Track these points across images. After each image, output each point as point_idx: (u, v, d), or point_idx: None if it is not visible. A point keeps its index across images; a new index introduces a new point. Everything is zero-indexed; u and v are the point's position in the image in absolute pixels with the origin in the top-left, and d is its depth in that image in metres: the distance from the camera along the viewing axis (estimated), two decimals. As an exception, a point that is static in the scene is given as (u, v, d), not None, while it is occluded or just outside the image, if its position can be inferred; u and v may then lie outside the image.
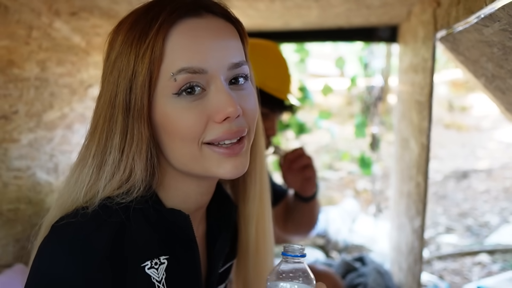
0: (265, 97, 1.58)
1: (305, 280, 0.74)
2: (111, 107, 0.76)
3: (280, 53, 1.70)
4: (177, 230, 0.81)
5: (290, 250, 0.75)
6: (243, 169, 0.79)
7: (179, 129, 0.74)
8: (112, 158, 0.76)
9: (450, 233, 3.29)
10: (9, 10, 1.46)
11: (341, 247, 2.87)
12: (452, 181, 4.30)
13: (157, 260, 0.78)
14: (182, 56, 0.73)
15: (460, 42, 1.22)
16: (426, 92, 1.56)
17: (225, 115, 0.73)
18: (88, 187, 0.77)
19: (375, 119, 3.14)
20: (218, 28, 0.78)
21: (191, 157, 0.76)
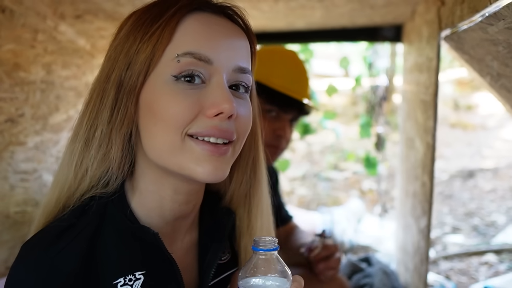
0: (270, 94, 1.59)
1: (280, 274, 0.70)
2: (106, 82, 0.74)
3: (296, 57, 1.72)
4: (150, 246, 0.76)
5: (261, 243, 0.70)
6: (223, 175, 0.74)
7: (166, 114, 0.70)
8: (99, 132, 0.74)
9: (456, 233, 3.27)
10: (15, 14, 1.47)
11: (347, 248, 2.86)
12: (458, 180, 4.28)
13: (132, 277, 0.73)
14: (192, 40, 0.71)
15: (465, 41, 1.21)
16: (431, 92, 1.56)
17: (219, 110, 0.70)
18: (79, 165, 0.76)
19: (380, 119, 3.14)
20: (235, 32, 0.77)
21: (170, 147, 0.71)
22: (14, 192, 1.45)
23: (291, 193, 4.16)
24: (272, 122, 1.62)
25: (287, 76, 1.63)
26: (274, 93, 1.58)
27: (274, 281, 0.69)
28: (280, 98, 1.59)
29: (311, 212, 3.09)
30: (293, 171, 4.54)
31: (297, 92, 1.61)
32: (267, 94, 1.59)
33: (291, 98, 1.60)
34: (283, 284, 0.70)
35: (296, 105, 1.63)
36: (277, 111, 1.61)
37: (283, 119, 1.63)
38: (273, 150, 1.65)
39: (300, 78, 1.67)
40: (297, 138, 5.01)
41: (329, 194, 4.05)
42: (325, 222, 2.84)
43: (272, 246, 0.70)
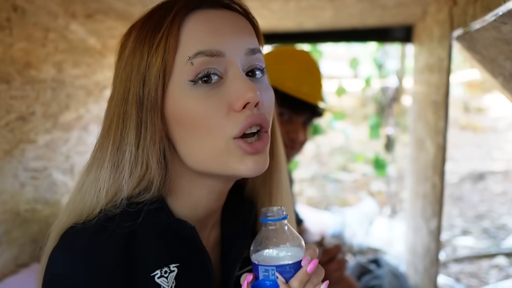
0: (282, 97, 1.59)
1: (292, 242, 0.69)
2: (124, 103, 0.74)
3: (309, 58, 1.70)
4: (186, 239, 0.78)
5: (269, 214, 0.70)
6: (264, 167, 0.75)
7: (198, 120, 0.71)
8: (128, 155, 0.73)
9: (466, 236, 3.25)
10: (26, 12, 1.47)
11: (356, 250, 2.85)
12: (468, 182, 4.25)
13: (167, 269, 0.75)
14: (199, 39, 0.71)
15: (477, 40, 1.20)
16: (442, 92, 1.55)
17: (245, 100, 0.70)
18: (109, 187, 0.74)
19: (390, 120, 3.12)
20: (234, 18, 0.77)
21: (212, 153, 0.72)
22: (24, 190, 1.46)
23: (299, 194, 4.15)
24: (285, 125, 1.60)
25: (301, 78, 1.61)
26: (287, 97, 1.57)
27: (287, 251, 0.69)
28: (293, 102, 1.58)
29: (322, 212, 3.08)
30: (302, 172, 4.53)
31: (310, 95, 1.60)
32: (280, 97, 1.59)
33: (304, 102, 1.59)
34: (297, 253, 0.69)
35: (309, 108, 1.62)
36: (290, 114, 1.60)
37: (296, 122, 1.62)
38: (286, 151, 1.64)
39: (313, 80, 1.66)
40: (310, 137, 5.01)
41: (337, 196, 4.03)
42: (336, 223, 2.83)
43: (281, 215, 0.70)
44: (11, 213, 1.41)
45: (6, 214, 1.38)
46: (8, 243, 1.40)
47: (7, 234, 1.39)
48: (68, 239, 0.72)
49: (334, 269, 1.49)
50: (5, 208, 1.38)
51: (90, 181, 0.76)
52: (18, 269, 1.42)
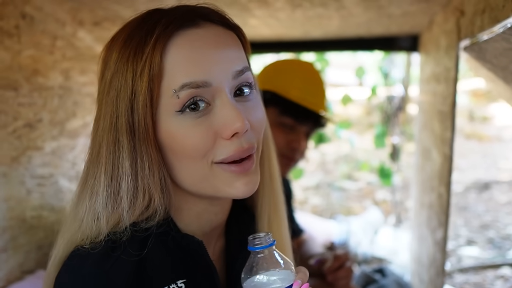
0: (287, 105, 1.59)
1: (282, 267, 0.70)
2: (114, 130, 0.71)
3: (313, 69, 1.72)
4: (193, 254, 0.78)
5: (256, 242, 0.70)
6: (254, 187, 0.75)
7: (187, 148, 0.70)
8: (125, 185, 0.71)
9: (471, 246, 3.23)
10: (35, 20, 1.48)
11: (360, 259, 2.83)
12: (473, 192, 4.23)
13: (174, 285, 0.74)
14: (183, 71, 0.69)
15: (487, 50, 1.20)
16: (449, 102, 1.54)
17: (233, 131, 0.69)
18: (108, 216, 0.72)
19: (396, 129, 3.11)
20: (218, 37, 0.74)
21: (200, 177, 0.73)
22: (30, 197, 1.46)
23: (304, 202, 4.14)
24: (287, 134, 1.61)
25: (305, 88, 1.62)
26: (291, 105, 1.58)
27: (278, 275, 0.69)
28: (297, 110, 1.58)
29: (327, 221, 3.07)
30: (307, 180, 4.52)
31: (314, 104, 1.60)
32: (284, 106, 1.59)
33: (308, 110, 1.59)
34: (288, 276, 0.69)
35: (313, 117, 1.62)
36: (293, 123, 1.60)
37: (298, 131, 1.62)
38: (286, 161, 1.64)
39: (317, 90, 1.67)
40: (311, 147, 5.00)
41: (342, 204, 4.02)
42: (341, 232, 2.82)
43: (268, 242, 0.70)
44: (17, 220, 1.41)
45: (12, 221, 1.38)
46: (14, 250, 1.40)
47: (13, 241, 1.39)
48: (77, 261, 0.71)
49: (342, 276, 1.49)
50: (11, 214, 1.38)
51: (84, 209, 0.74)
52: (24, 276, 1.42)
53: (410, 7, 1.72)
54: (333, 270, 1.51)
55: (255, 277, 0.69)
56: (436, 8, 1.74)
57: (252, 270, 0.70)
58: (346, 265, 1.52)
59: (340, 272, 1.50)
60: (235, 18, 0.88)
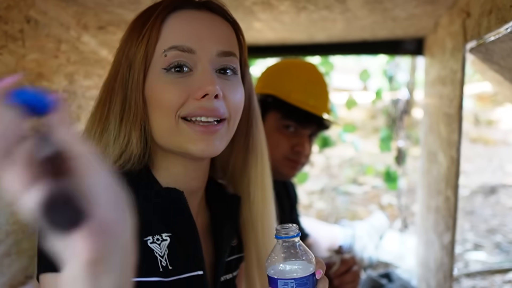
0: (289, 110, 1.58)
1: (304, 257, 0.76)
2: (113, 81, 0.85)
3: (315, 71, 1.70)
4: (175, 208, 0.85)
5: (283, 232, 0.76)
6: (215, 150, 0.83)
7: (162, 101, 0.81)
8: (113, 126, 0.83)
9: (478, 250, 3.21)
10: (39, 24, 1.48)
11: (366, 264, 2.81)
12: (480, 196, 4.20)
13: (159, 237, 0.81)
14: (174, 36, 0.82)
15: (494, 52, 1.19)
16: (456, 105, 1.53)
17: (204, 92, 0.79)
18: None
19: (401, 133, 3.10)
20: (213, 21, 0.86)
21: (168, 130, 0.82)
22: (34, 201, 1.46)
23: (309, 206, 4.12)
24: (291, 137, 1.60)
25: (307, 91, 1.61)
26: (293, 109, 1.57)
27: (299, 265, 0.76)
28: (299, 114, 1.57)
29: (332, 225, 3.06)
30: (312, 185, 4.50)
31: (317, 108, 1.59)
32: (285, 110, 1.58)
33: (310, 114, 1.58)
34: (308, 267, 0.76)
35: (315, 121, 1.61)
36: (296, 126, 1.59)
37: (301, 135, 1.61)
38: (292, 164, 1.63)
39: (320, 93, 1.66)
40: (316, 151, 4.98)
41: (347, 208, 4.00)
42: (346, 237, 2.80)
43: (294, 233, 0.76)
44: (20, 224, 1.40)
45: (15, 225, 1.38)
46: (18, 254, 1.39)
47: (16, 245, 1.39)
48: None
49: (349, 281, 1.48)
50: (15, 219, 1.38)
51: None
52: (27, 281, 1.41)
53: (415, 9, 1.71)
54: (340, 274, 1.50)
55: (280, 265, 0.76)
56: (441, 10, 1.73)
57: (277, 257, 0.76)
58: (353, 269, 1.51)
59: (347, 277, 1.48)
60: (240, 21, 0.92)
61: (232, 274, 0.98)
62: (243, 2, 1.61)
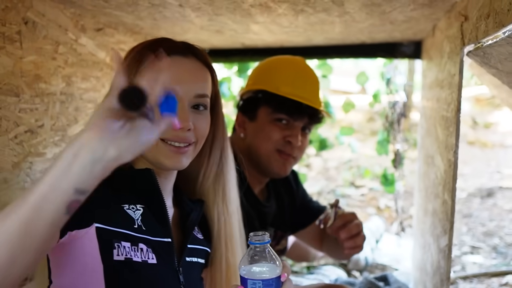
0: (279, 102, 1.58)
1: (272, 261, 0.90)
2: None
3: (304, 64, 1.70)
4: (147, 185, 1.07)
5: (255, 239, 0.90)
6: (182, 166, 1.08)
7: None
8: None
9: (475, 253, 3.21)
10: (37, 26, 1.48)
11: (363, 266, 2.81)
12: (477, 199, 4.21)
13: (134, 206, 1.04)
14: None
15: (491, 55, 1.19)
16: (453, 108, 1.53)
17: (180, 126, 0.96)
18: None
19: (398, 136, 3.10)
20: (195, 69, 1.11)
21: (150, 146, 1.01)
22: (31, 203, 1.45)
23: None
24: (283, 129, 1.60)
25: (295, 83, 1.61)
26: (283, 101, 1.57)
27: (267, 267, 0.90)
28: (289, 106, 1.57)
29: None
30: (309, 187, 4.49)
31: (307, 99, 1.58)
32: (276, 103, 1.58)
33: (301, 105, 1.57)
34: (275, 270, 0.90)
35: (307, 112, 1.60)
36: (287, 119, 1.59)
37: (294, 127, 1.60)
38: (284, 158, 1.63)
39: (309, 85, 1.65)
40: (313, 153, 4.98)
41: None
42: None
43: (266, 240, 0.90)
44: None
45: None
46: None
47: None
48: None
49: (351, 233, 1.49)
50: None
51: None
52: (25, 283, 1.41)
53: (413, 12, 1.72)
54: (337, 228, 1.49)
55: (251, 267, 0.90)
56: (439, 14, 1.73)
57: (249, 260, 0.90)
58: (354, 222, 1.51)
59: (350, 230, 1.48)
60: (238, 24, 0.93)
61: (198, 259, 1.18)
62: (241, 5, 1.61)
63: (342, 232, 1.50)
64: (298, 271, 2.77)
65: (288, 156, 1.64)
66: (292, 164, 1.68)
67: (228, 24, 1.90)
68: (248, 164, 1.68)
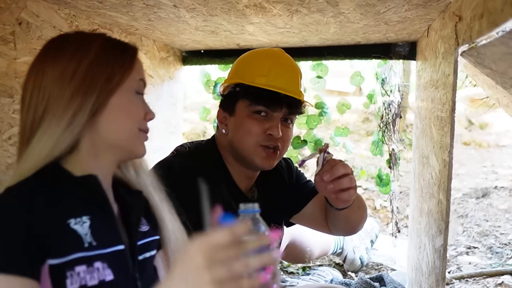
0: (256, 93, 1.56)
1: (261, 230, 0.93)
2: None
3: (281, 55, 1.66)
4: (91, 191, 1.02)
5: (243, 207, 0.93)
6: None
7: (135, 113, 1.06)
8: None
9: (471, 253, 3.22)
10: (31, 26, 1.48)
11: (358, 266, 2.81)
12: (472, 199, 4.22)
13: (80, 219, 0.97)
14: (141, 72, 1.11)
15: (485, 55, 1.19)
16: (448, 108, 1.54)
17: (151, 117, 1.10)
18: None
19: (393, 136, 3.10)
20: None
21: (131, 135, 1.06)
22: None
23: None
24: (262, 122, 1.56)
25: (271, 74, 1.58)
26: (259, 93, 1.55)
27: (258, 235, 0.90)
28: (266, 97, 1.55)
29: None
30: (305, 188, 4.49)
31: (283, 89, 1.56)
32: (253, 95, 1.56)
33: (278, 96, 1.55)
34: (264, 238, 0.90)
35: (285, 102, 1.58)
36: (265, 110, 1.56)
37: (273, 118, 1.57)
38: (267, 152, 1.59)
39: (286, 75, 1.62)
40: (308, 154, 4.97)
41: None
42: (337, 241, 2.80)
43: (255, 209, 0.94)
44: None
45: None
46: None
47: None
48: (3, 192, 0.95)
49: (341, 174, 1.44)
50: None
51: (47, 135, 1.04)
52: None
53: (407, 13, 1.72)
54: (325, 172, 1.44)
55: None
56: (433, 14, 1.74)
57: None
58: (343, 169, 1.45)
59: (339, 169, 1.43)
60: (232, 24, 0.92)
61: (150, 253, 1.15)
62: (236, 5, 1.61)
63: (325, 174, 1.44)
64: (294, 272, 2.77)
65: (272, 151, 1.60)
66: (278, 157, 1.64)
67: (223, 24, 1.91)
68: (232, 160, 1.66)
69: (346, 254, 2.83)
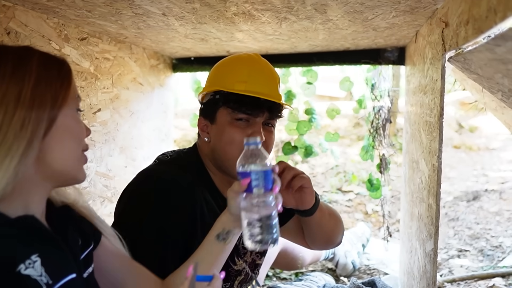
0: (236, 100, 1.56)
1: (264, 158, 1.20)
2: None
3: (258, 59, 1.65)
4: (33, 230, 0.93)
5: (250, 140, 1.21)
6: None
7: (79, 132, 1.02)
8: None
9: (462, 256, 3.23)
10: (20, 36, 1.47)
11: (351, 271, 2.82)
12: (463, 202, 4.25)
13: (30, 261, 0.87)
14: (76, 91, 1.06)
15: (472, 61, 1.21)
16: (436, 113, 1.55)
17: (89, 133, 1.08)
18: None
19: (384, 141, 3.12)
20: None
21: (75, 156, 1.00)
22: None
23: (294, 215, 4.11)
24: (244, 129, 1.56)
25: (250, 79, 1.57)
26: (239, 99, 1.55)
27: (260, 161, 1.20)
28: (246, 102, 1.55)
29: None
30: (296, 193, 4.49)
31: (263, 94, 1.56)
32: (233, 101, 1.56)
33: (257, 101, 1.55)
34: (266, 164, 1.20)
35: (265, 107, 1.58)
36: (247, 117, 1.56)
37: (255, 124, 1.57)
38: None
39: (264, 80, 1.62)
40: (300, 160, 4.98)
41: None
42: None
43: (254, 141, 1.21)
44: None
45: None
46: None
47: None
48: None
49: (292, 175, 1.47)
50: None
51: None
52: None
53: (395, 19, 1.74)
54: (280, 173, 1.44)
55: (247, 163, 1.19)
56: (421, 20, 1.76)
57: (246, 159, 1.20)
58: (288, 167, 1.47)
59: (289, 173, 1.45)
60: (222, 32, 0.92)
61: (91, 267, 1.12)
62: (224, 13, 1.62)
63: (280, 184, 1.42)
64: (287, 278, 2.77)
65: None
66: None
67: (212, 32, 1.91)
68: (215, 168, 1.66)
69: (338, 259, 2.83)
